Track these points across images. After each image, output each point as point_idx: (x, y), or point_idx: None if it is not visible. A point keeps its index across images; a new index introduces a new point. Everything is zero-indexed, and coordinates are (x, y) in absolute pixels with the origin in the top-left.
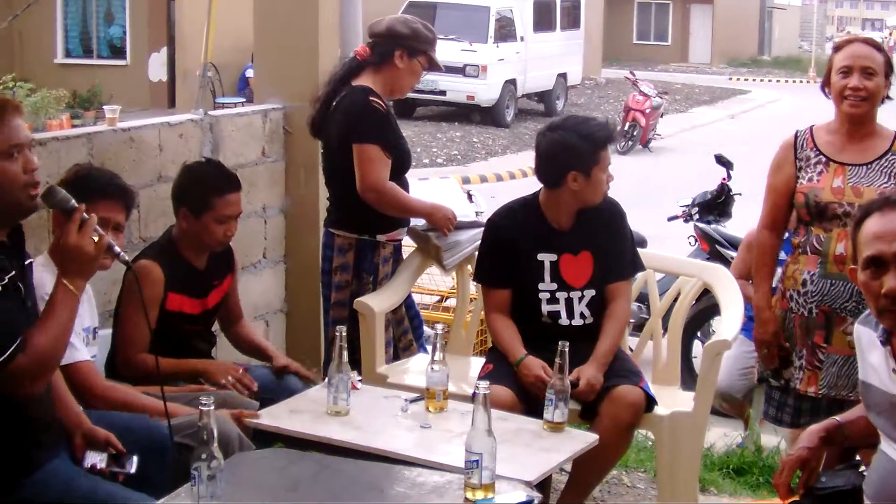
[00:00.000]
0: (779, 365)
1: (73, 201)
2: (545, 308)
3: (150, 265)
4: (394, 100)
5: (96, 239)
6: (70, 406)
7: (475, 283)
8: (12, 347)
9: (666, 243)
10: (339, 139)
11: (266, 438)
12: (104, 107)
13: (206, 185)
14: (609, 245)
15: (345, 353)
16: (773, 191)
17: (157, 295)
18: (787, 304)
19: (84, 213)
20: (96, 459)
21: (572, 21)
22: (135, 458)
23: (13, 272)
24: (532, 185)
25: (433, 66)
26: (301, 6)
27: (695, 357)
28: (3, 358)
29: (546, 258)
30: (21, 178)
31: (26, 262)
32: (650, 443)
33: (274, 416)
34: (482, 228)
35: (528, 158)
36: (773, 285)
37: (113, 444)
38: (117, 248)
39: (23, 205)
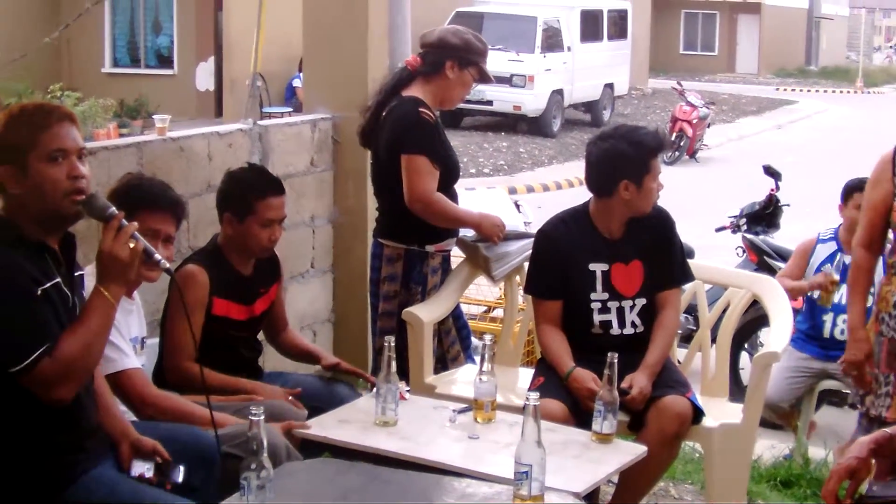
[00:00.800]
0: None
1: (113, 209)
2: (597, 318)
3: (195, 269)
4: (441, 110)
5: (132, 245)
6: (115, 415)
7: (523, 294)
8: (38, 352)
9: (713, 254)
10: (387, 149)
11: (313, 449)
12: (154, 116)
13: (249, 189)
14: (659, 253)
15: (393, 364)
16: (871, 208)
17: (203, 299)
18: (878, 326)
19: (123, 221)
20: (143, 469)
21: (619, 31)
22: (181, 468)
23: (58, 279)
24: (578, 195)
25: (484, 77)
26: (350, 16)
27: (742, 369)
28: (27, 362)
29: (598, 268)
30: (63, 184)
31: (76, 273)
32: (697, 455)
33: (322, 427)
34: (531, 239)
35: (574, 169)
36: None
37: (159, 453)
38: (157, 256)
39: (64, 211)
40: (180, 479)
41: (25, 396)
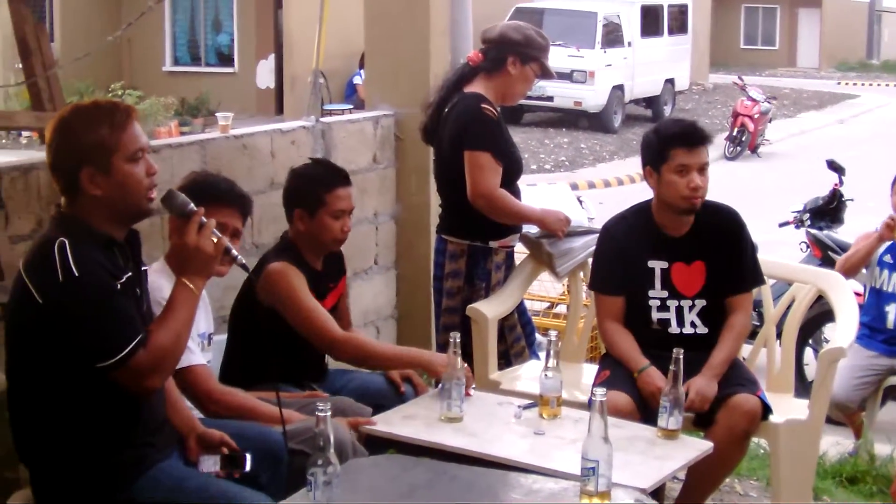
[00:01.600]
0: None
1: (192, 205)
2: (655, 315)
3: (283, 265)
4: (502, 106)
5: (215, 240)
6: (182, 409)
7: (587, 290)
8: (135, 342)
9: (776, 249)
10: (450, 145)
11: (378, 445)
12: (217, 114)
13: (317, 183)
14: (726, 256)
15: (459, 360)
16: None
17: (305, 283)
18: None
19: (202, 217)
20: (210, 464)
21: (680, 26)
22: (248, 456)
23: (129, 273)
24: (639, 191)
25: (546, 73)
26: (412, 13)
27: (806, 364)
28: (125, 352)
29: (657, 265)
30: (144, 182)
31: (143, 269)
32: (762, 451)
33: (388, 423)
34: (595, 235)
35: (635, 165)
36: None
37: (227, 444)
38: (235, 252)
39: (142, 208)
40: (248, 467)
41: (97, 391)
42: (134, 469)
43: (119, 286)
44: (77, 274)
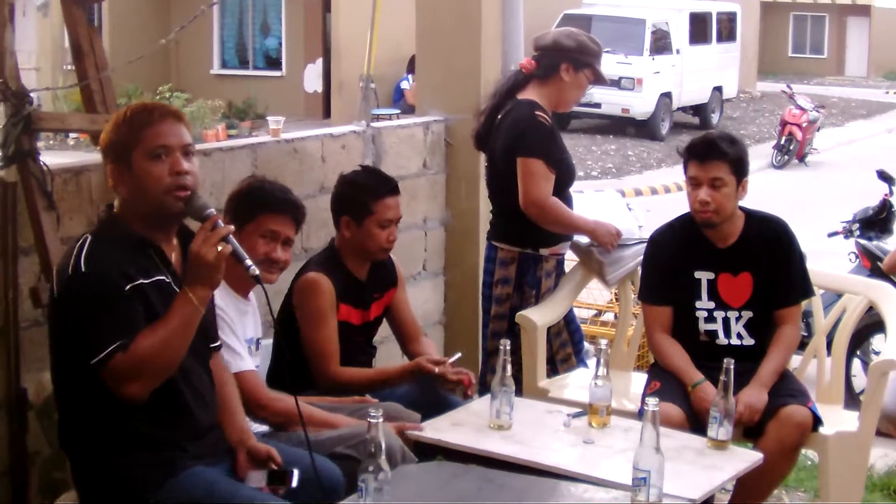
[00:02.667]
0: None
1: (211, 210)
2: (702, 326)
3: (318, 276)
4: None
5: (220, 248)
6: (236, 423)
7: (636, 299)
8: (112, 346)
9: (825, 260)
10: (503, 152)
11: (426, 451)
12: (268, 118)
13: (365, 191)
14: (774, 267)
15: (508, 367)
16: None
17: (332, 304)
18: None
19: (219, 222)
20: (258, 478)
21: (728, 33)
22: (295, 472)
23: (161, 277)
24: (686, 199)
25: (599, 78)
26: (463, 19)
27: (854, 375)
28: (103, 354)
29: (703, 276)
30: (165, 181)
31: None
32: (809, 462)
33: (436, 430)
34: (644, 244)
35: (682, 172)
36: None
37: (273, 459)
38: (248, 262)
39: (168, 206)
40: (295, 483)
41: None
42: (163, 471)
43: (130, 287)
44: (84, 270)
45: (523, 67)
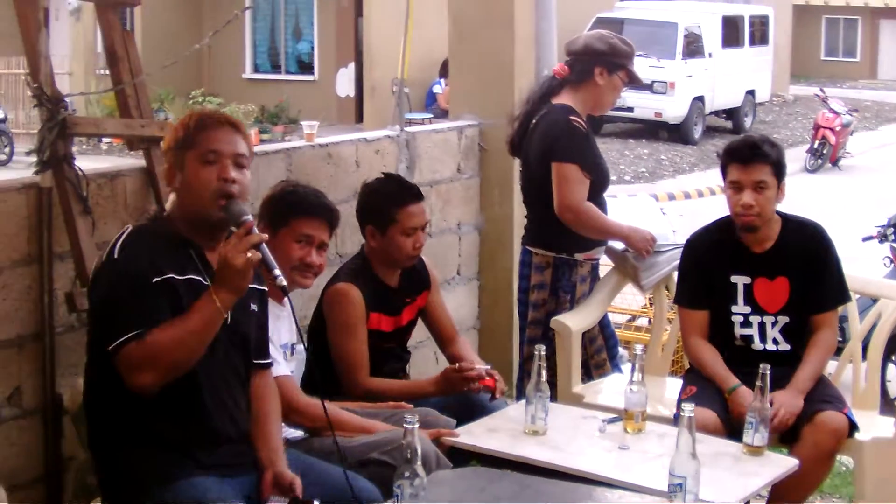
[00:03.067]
0: None
1: (248, 216)
2: (738, 331)
3: (347, 287)
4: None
5: (249, 255)
6: (269, 443)
7: (671, 304)
8: (130, 334)
9: (859, 264)
10: (538, 157)
11: (461, 457)
12: (302, 122)
13: (388, 200)
14: (810, 272)
15: (543, 373)
16: None
17: (362, 315)
18: None
19: (254, 229)
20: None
21: (761, 37)
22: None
23: (198, 278)
24: (720, 203)
25: (633, 80)
26: (497, 23)
27: (889, 381)
28: (118, 341)
29: (739, 280)
30: (213, 185)
31: (261, 289)
32: (844, 468)
33: (472, 435)
34: (679, 249)
35: (716, 176)
36: None
37: (294, 490)
38: (277, 272)
39: (209, 211)
40: None
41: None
42: (164, 473)
43: (158, 281)
44: (115, 257)
45: (557, 73)
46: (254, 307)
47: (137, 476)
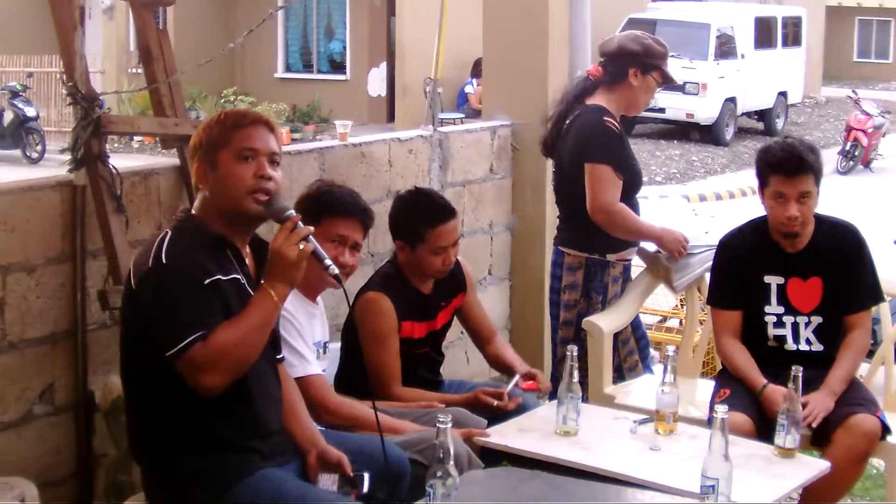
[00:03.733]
0: None
1: (291, 211)
2: (771, 332)
3: (378, 297)
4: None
5: (301, 247)
6: (304, 423)
7: (703, 305)
8: (194, 336)
9: (890, 266)
10: (571, 158)
11: (492, 457)
12: (336, 122)
13: (418, 219)
14: (844, 272)
15: (575, 373)
16: None
17: (393, 325)
18: None
19: (299, 224)
20: (328, 482)
21: (793, 38)
22: (366, 477)
23: (238, 276)
24: (751, 204)
25: (667, 79)
26: (531, 24)
27: None
28: (182, 344)
29: (773, 281)
30: (248, 182)
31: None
32: (875, 471)
33: (502, 435)
34: (711, 250)
35: (748, 178)
36: None
37: (343, 468)
38: (328, 261)
39: (246, 209)
40: (366, 489)
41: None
42: (236, 472)
43: (209, 282)
44: (164, 262)
45: (591, 74)
46: None
47: (206, 478)
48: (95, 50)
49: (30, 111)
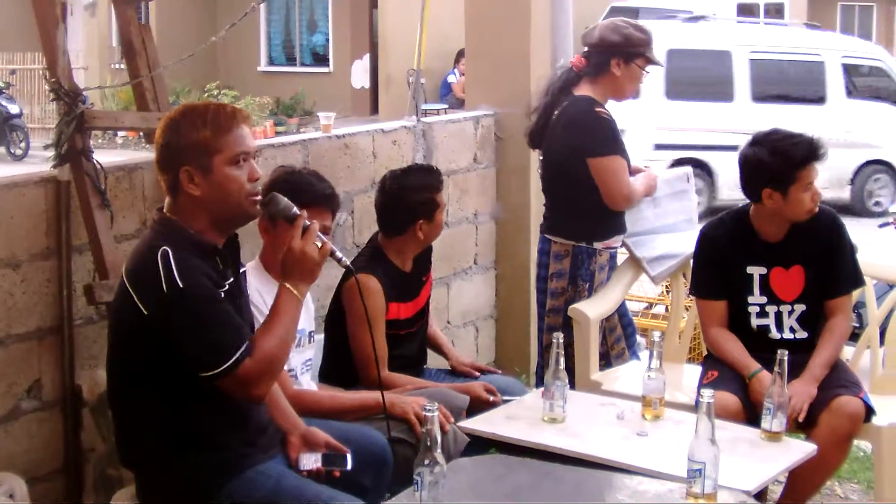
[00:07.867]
0: None
1: (296, 209)
2: (754, 322)
3: (366, 278)
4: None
5: (319, 245)
6: (285, 409)
7: (688, 292)
8: (241, 351)
9: (876, 251)
10: (566, 150)
11: (480, 444)
12: (319, 114)
13: (429, 189)
14: (825, 259)
15: (562, 360)
16: None
17: (382, 307)
18: None
19: (306, 220)
20: (311, 462)
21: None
22: (349, 455)
23: (232, 279)
24: None
25: (652, 63)
26: (513, 13)
27: None
28: (231, 361)
29: (755, 271)
30: (246, 187)
31: (241, 270)
32: (862, 453)
33: (490, 423)
34: (683, 234)
35: None
36: None
37: (331, 445)
38: (340, 254)
39: (247, 212)
40: (349, 466)
41: (201, 394)
42: (233, 469)
43: (223, 294)
44: (182, 285)
45: (574, 65)
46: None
47: (203, 476)
48: (78, 46)
49: (13, 108)
